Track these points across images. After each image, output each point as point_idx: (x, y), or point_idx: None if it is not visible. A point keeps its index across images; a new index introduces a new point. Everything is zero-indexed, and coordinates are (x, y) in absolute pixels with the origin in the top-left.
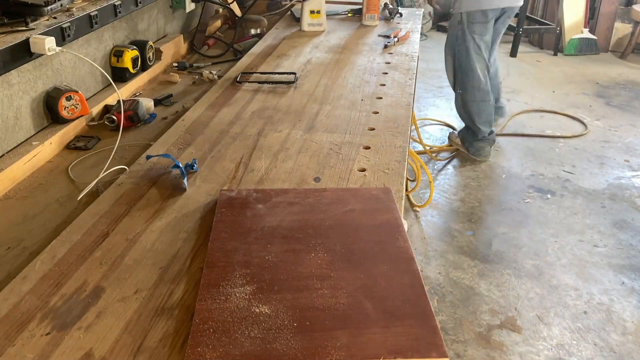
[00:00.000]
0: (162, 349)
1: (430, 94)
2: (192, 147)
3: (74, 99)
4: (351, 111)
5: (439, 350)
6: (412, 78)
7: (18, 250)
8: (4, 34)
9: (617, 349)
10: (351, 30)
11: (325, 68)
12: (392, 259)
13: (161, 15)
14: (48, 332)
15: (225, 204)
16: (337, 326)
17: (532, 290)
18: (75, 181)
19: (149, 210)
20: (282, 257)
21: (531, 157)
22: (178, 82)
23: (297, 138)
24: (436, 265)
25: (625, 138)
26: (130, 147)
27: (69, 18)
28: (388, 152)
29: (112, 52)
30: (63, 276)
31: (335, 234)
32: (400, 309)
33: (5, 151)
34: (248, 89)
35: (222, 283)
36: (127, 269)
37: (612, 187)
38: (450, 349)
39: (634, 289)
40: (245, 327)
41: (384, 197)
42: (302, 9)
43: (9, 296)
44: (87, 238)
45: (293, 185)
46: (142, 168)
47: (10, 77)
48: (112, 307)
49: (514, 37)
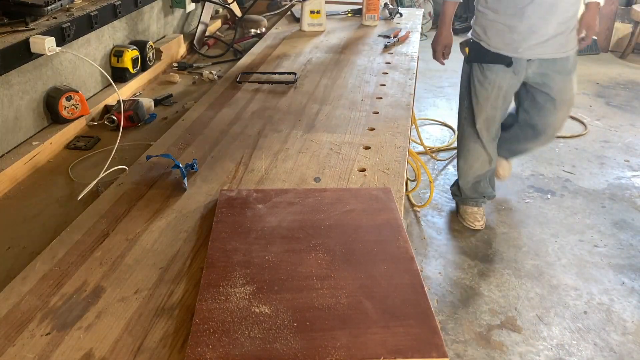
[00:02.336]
0: (162, 349)
1: (430, 94)
2: (192, 147)
3: (74, 99)
4: (351, 111)
5: (439, 350)
6: (412, 78)
7: (18, 250)
8: (4, 34)
9: (617, 349)
10: (351, 30)
11: (325, 68)
12: (392, 259)
13: (161, 15)
14: (48, 332)
15: (225, 204)
16: (337, 326)
17: (532, 290)
18: (75, 181)
19: (149, 210)
20: (282, 257)
21: (531, 157)
22: (178, 82)
23: (297, 138)
24: (436, 265)
25: (625, 138)
26: (130, 147)
27: (68, 18)
28: (388, 152)
29: (112, 52)
30: (63, 276)
31: (335, 234)
32: (400, 309)
33: (5, 151)
34: (248, 89)
35: (222, 283)
36: (127, 269)
37: (612, 187)
38: (450, 349)
39: (634, 289)
40: (245, 327)
41: (384, 197)
42: (302, 9)
43: (9, 296)
44: (87, 238)
45: (293, 185)
46: (142, 168)
47: (10, 77)
48: (112, 307)
49: None
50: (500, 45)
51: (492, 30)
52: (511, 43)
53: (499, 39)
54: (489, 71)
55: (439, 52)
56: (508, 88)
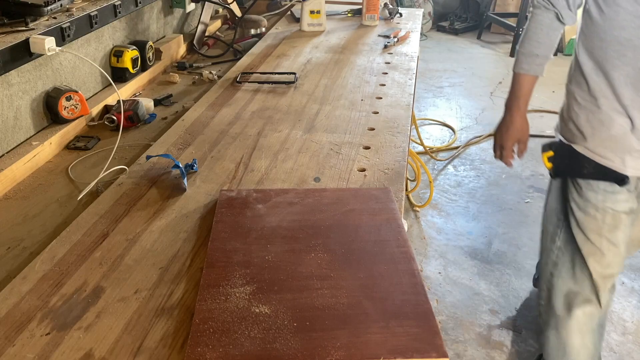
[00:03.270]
0: (162, 349)
1: (430, 94)
2: (192, 147)
3: (74, 99)
4: (351, 111)
5: (439, 350)
6: (412, 78)
7: (18, 250)
8: (4, 34)
9: (617, 349)
10: (351, 30)
11: (325, 68)
12: (392, 259)
13: (161, 15)
14: (48, 332)
15: (225, 204)
16: (337, 326)
17: (532, 290)
18: (75, 181)
19: (149, 210)
20: (282, 257)
21: (531, 157)
22: (178, 82)
23: (297, 138)
24: (436, 265)
25: None
26: (130, 147)
27: (68, 18)
28: (388, 152)
29: (112, 52)
30: (63, 276)
31: (335, 234)
32: (400, 309)
33: (5, 151)
34: (248, 89)
35: (222, 283)
36: (127, 269)
37: None
38: (450, 349)
39: (634, 289)
40: (245, 327)
41: (384, 197)
42: (302, 9)
43: (9, 296)
44: (87, 238)
45: (293, 185)
46: (142, 168)
47: (10, 77)
48: (112, 307)
49: (514, 37)
50: (608, 152)
51: (596, 125)
52: (629, 150)
53: (607, 140)
54: (591, 191)
55: (508, 149)
56: (629, 213)
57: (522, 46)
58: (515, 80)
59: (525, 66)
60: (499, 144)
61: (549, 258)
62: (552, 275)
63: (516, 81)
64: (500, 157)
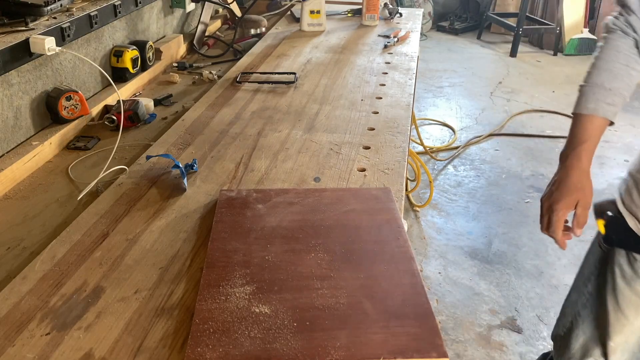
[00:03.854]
0: (162, 349)
1: (430, 94)
2: (192, 147)
3: (74, 99)
4: (351, 111)
5: (439, 350)
6: (412, 78)
7: (18, 250)
8: (4, 34)
9: None
10: (351, 30)
11: (325, 68)
12: (392, 259)
13: (161, 15)
14: (48, 332)
15: (225, 204)
16: (337, 326)
17: (532, 290)
18: (75, 181)
19: (149, 210)
20: (282, 257)
21: (531, 157)
22: (178, 82)
23: (297, 138)
24: (436, 265)
25: (625, 138)
26: (130, 147)
27: (68, 18)
28: (388, 152)
29: (112, 52)
30: (63, 276)
31: (335, 234)
32: (400, 309)
33: (5, 151)
34: (248, 89)
35: (222, 283)
36: (127, 269)
37: (612, 187)
38: (450, 349)
39: None
40: (245, 327)
41: (384, 197)
42: (302, 9)
43: (9, 296)
44: (87, 238)
45: (293, 185)
46: (142, 168)
47: (10, 77)
48: (112, 307)
49: (514, 37)
50: None
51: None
52: None
53: None
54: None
55: (560, 216)
56: None
57: (589, 79)
58: (576, 124)
59: (592, 105)
60: (547, 208)
61: (579, 298)
62: (579, 315)
63: (578, 125)
64: (547, 229)
